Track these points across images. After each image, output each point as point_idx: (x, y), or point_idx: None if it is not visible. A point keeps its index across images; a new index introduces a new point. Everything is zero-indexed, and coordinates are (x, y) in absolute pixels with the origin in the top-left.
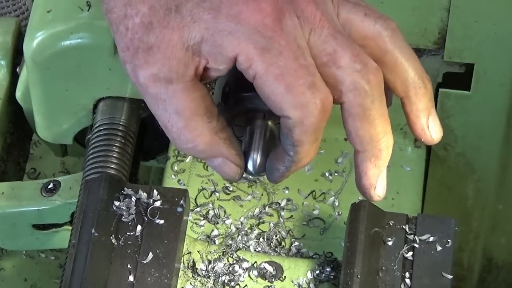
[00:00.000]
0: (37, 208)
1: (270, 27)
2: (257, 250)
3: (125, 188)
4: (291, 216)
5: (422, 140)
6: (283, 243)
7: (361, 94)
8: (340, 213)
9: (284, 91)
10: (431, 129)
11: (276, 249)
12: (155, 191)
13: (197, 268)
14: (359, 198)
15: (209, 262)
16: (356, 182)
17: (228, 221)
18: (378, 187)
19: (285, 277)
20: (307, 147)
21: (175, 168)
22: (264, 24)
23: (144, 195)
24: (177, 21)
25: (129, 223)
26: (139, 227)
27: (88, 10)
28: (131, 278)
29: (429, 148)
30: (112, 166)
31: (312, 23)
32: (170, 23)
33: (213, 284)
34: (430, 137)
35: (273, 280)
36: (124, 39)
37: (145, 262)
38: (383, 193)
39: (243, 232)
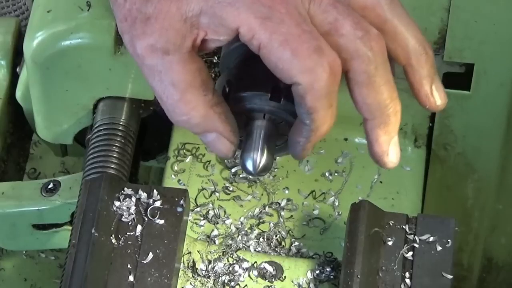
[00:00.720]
0: (37, 208)
1: None
2: (257, 250)
3: (125, 188)
4: (291, 216)
5: (427, 107)
6: (283, 243)
7: (365, 60)
8: (340, 213)
9: (291, 57)
10: (435, 96)
11: (276, 249)
12: (155, 191)
13: (197, 268)
14: (359, 198)
15: (209, 262)
16: (368, 151)
17: (228, 221)
18: (391, 153)
19: (285, 277)
20: (322, 113)
21: (175, 168)
22: None
23: (144, 195)
24: None
25: (129, 223)
26: (139, 227)
27: (88, 10)
28: (131, 278)
29: (429, 148)
30: (112, 166)
31: None
32: None
33: (213, 284)
34: (435, 104)
35: (273, 280)
36: (122, 10)
37: (145, 262)
38: (397, 159)
39: (243, 232)
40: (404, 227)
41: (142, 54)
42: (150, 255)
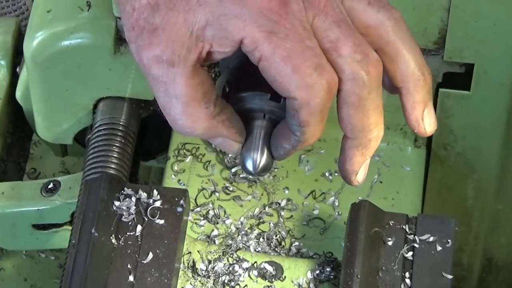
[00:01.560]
0: (37, 208)
1: (276, 11)
2: (257, 250)
3: (125, 188)
4: (291, 216)
5: (415, 131)
6: (283, 243)
7: (359, 84)
8: (340, 213)
9: (291, 73)
10: (425, 122)
11: (276, 249)
12: (155, 191)
13: (197, 268)
14: (359, 198)
15: (209, 262)
16: (338, 163)
17: (228, 221)
18: (359, 173)
19: (285, 277)
20: (313, 127)
21: (175, 168)
22: (270, 7)
23: (144, 195)
24: (183, 4)
25: (129, 223)
26: (139, 227)
27: (88, 10)
28: (131, 278)
29: (429, 148)
30: (112, 166)
31: (316, 8)
32: (176, 5)
33: (213, 284)
34: (424, 130)
35: (273, 280)
36: (130, 19)
37: (145, 262)
38: (363, 180)
39: (243, 232)
40: (404, 227)
41: (148, 64)
42: (150, 255)
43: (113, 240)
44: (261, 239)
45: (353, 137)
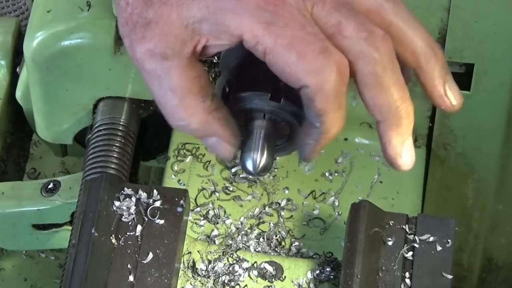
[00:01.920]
0: (37, 208)
1: (272, 2)
2: (257, 250)
3: (125, 188)
4: (291, 216)
5: (443, 108)
6: (283, 243)
7: (371, 61)
8: (340, 213)
9: (297, 59)
10: (449, 96)
11: (276, 249)
12: (155, 191)
13: (197, 268)
14: (359, 198)
15: (209, 262)
16: (382, 154)
17: (228, 221)
18: (404, 155)
19: (285, 277)
20: (331, 115)
21: (175, 168)
22: (265, 0)
23: (144, 195)
24: None
25: (129, 223)
26: (139, 227)
27: (88, 10)
28: (131, 278)
29: (429, 148)
30: (112, 166)
31: None
32: (170, 0)
33: (213, 284)
34: (450, 104)
35: (273, 280)
36: (123, 14)
37: (145, 262)
38: (411, 161)
39: (243, 232)
40: (404, 227)
41: (141, 58)
42: (150, 255)
43: (113, 240)
44: (261, 239)
45: (383, 119)
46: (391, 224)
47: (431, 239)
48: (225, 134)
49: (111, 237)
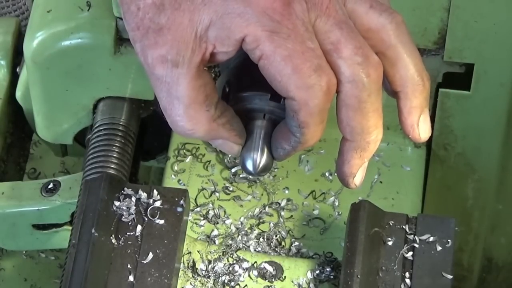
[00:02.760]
0: (37, 208)
1: (279, 11)
2: (257, 250)
3: (125, 188)
4: (291, 216)
5: (410, 136)
6: (283, 243)
7: (359, 86)
8: (340, 213)
9: (291, 72)
10: (420, 128)
11: (276, 249)
12: (155, 191)
13: (197, 268)
14: (359, 198)
15: (209, 262)
16: (336, 166)
17: (228, 221)
18: (357, 176)
19: (285, 277)
20: (313, 128)
21: (175, 168)
22: (273, 7)
23: (144, 195)
24: (188, 4)
25: (129, 223)
26: (139, 227)
27: (88, 10)
28: (131, 278)
29: (429, 148)
30: (112, 166)
31: (319, 9)
32: (182, 5)
33: (213, 284)
34: (418, 136)
35: (273, 280)
36: (135, 19)
37: (145, 262)
38: (360, 183)
39: (243, 232)
40: (404, 227)
41: (152, 63)
42: (150, 255)
43: (113, 240)
44: (261, 239)
45: (352, 139)
46: (391, 224)
47: (431, 239)
48: (231, 136)
49: (111, 237)
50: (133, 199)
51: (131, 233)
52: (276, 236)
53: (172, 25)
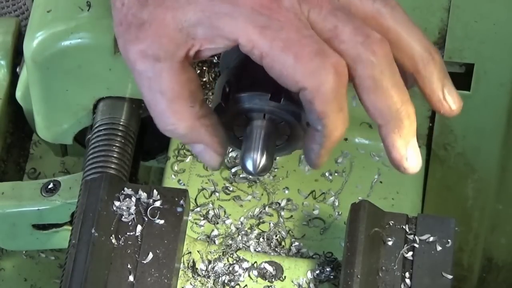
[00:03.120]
0: (37, 208)
1: (267, 6)
2: (257, 250)
3: (125, 188)
4: (291, 216)
5: (442, 112)
6: (283, 243)
7: (368, 65)
8: (340, 213)
9: (293, 61)
10: (448, 100)
11: (276, 249)
12: (155, 191)
13: (197, 268)
14: (359, 198)
15: (209, 262)
16: (388, 158)
17: (228, 221)
18: (410, 157)
19: (285, 277)
20: (332, 117)
21: (175, 168)
22: (261, 4)
23: (144, 195)
24: (171, 1)
25: (129, 223)
26: (139, 227)
27: (88, 10)
28: (131, 278)
29: (429, 148)
30: (112, 166)
31: (310, 2)
32: (165, 2)
33: (213, 284)
34: (449, 108)
35: (273, 280)
36: (119, 14)
37: (145, 262)
38: (418, 164)
39: (243, 232)
40: (404, 227)
41: (133, 58)
42: (150, 255)
43: (113, 240)
44: (261, 239)
45: (384, 123)
46: (391, 224)
47: (431, 239)
48: (212, 142)
49: (111, 237)
50: (133, 199)
51: (131, 233)
52: (276, 236)
53: (154, 21)
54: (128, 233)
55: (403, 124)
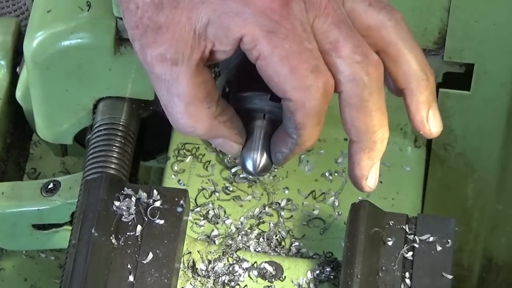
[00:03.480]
0: (37, 208)
1: (277, 11)
2: (257, 250)
3: (125, 188)
4: (291, 216)
5: (421, 133)
6: (283, 243)
7: (359, 85)
8: (340, 213)
9: (288, 73)
10: (430, 123)
11: (276, 249)
12: (155, 191)
13: (197, 268)
14: (359, 198)
15: (209, 262)
16: (348, 171)
17: (228, 221)
18: (369, 178)
19: (285, 277)
20: (310, 129)
21: (175, 168)
22: (272, 7)
23: (144, 195)
24: (186, 2)
25: (129, 223)
26: (139, 227)
27: (88, 10)
28: (131, 278)
29: (429, 148)
30: (112, 166)
31: (317, 9)
32: (180, 3)
33: (213, 284)
34: (429, 131)
35: (273, 280)
36: (133, 18)
37: (145, 262)
38: (374, 185)
39: (243, 232)
40: (404, 227)
41: (152, 62)
42: (150, 255)
43: (113, 240)
44: (261, 239)
45: (358, 140)
46: (391, 224)
47: (431, 239)
48: (231, 135)
49: (111, 237)
50: (133, 199)
51: (131, 233)
52: (276, 236)
53: (170, 24)
54: (128, 233)
55: (376, 147)
